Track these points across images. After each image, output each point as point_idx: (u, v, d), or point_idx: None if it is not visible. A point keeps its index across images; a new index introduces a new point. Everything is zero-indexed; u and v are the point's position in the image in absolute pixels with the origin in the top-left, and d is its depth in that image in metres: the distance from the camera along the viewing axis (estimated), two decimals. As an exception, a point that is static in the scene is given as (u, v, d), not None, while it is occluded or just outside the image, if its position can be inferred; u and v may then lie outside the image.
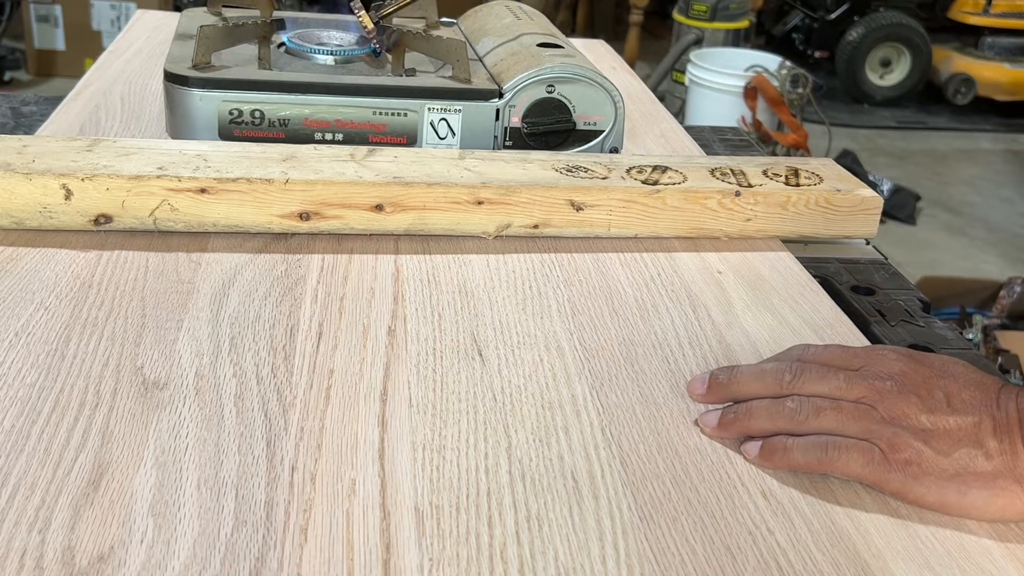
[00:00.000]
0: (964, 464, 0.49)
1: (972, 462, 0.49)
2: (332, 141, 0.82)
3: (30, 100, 1.05)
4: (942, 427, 0.50)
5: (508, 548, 0.46)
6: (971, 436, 0.50)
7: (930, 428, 0.50)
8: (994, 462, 0.49)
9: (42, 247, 0.68)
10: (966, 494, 0.49)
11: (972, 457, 0.49)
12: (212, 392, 0.55)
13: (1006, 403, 0.50)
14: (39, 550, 0.44)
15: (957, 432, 0.50)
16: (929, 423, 0.50)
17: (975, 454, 0.49)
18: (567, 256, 0.74)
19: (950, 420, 0.50)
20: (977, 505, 0.49)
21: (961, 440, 0.50)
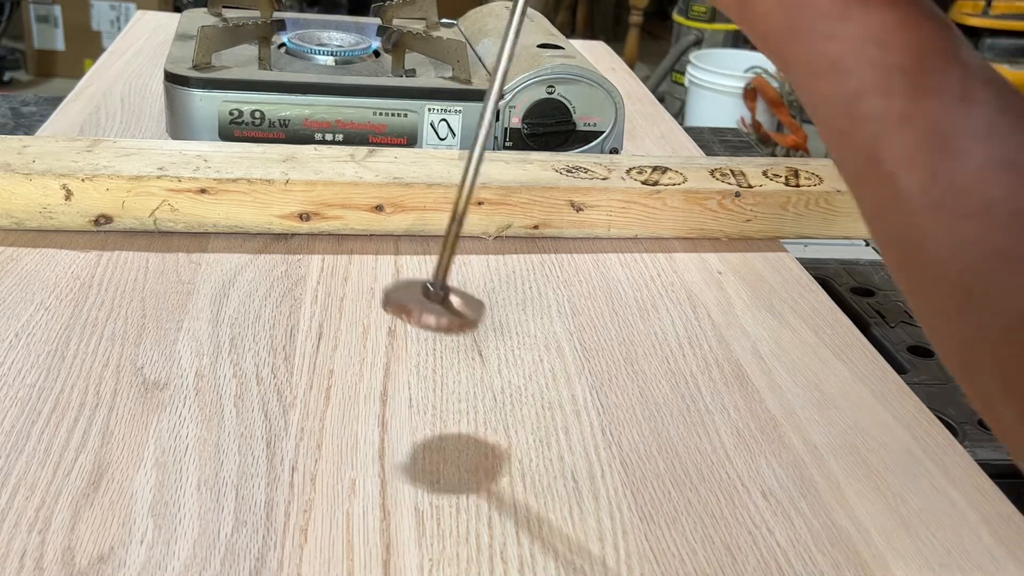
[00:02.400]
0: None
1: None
2: (332, 141, 0.82)
3: (30, 100, 1.05)
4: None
5: (508, 548, 0.46)
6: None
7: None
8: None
9: (42, 247, 0.68)
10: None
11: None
12: (212, 392, 0.55)
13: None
14: (39, 550, 0.44)
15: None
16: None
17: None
18: (567, 256, 0.74)
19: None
20: None
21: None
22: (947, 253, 0.34)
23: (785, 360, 0.64)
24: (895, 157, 0.35)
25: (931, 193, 0.34)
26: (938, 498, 0.52)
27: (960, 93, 0.34)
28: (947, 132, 0.34)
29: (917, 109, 0.34)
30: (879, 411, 0.59)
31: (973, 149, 0.34)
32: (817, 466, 0.54)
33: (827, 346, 0.66)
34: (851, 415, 0.59)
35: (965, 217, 0.33)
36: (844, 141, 0.36)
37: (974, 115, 0.34)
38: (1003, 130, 0.34)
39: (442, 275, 0.49)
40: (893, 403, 0.60)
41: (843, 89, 0.36)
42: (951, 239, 0.34)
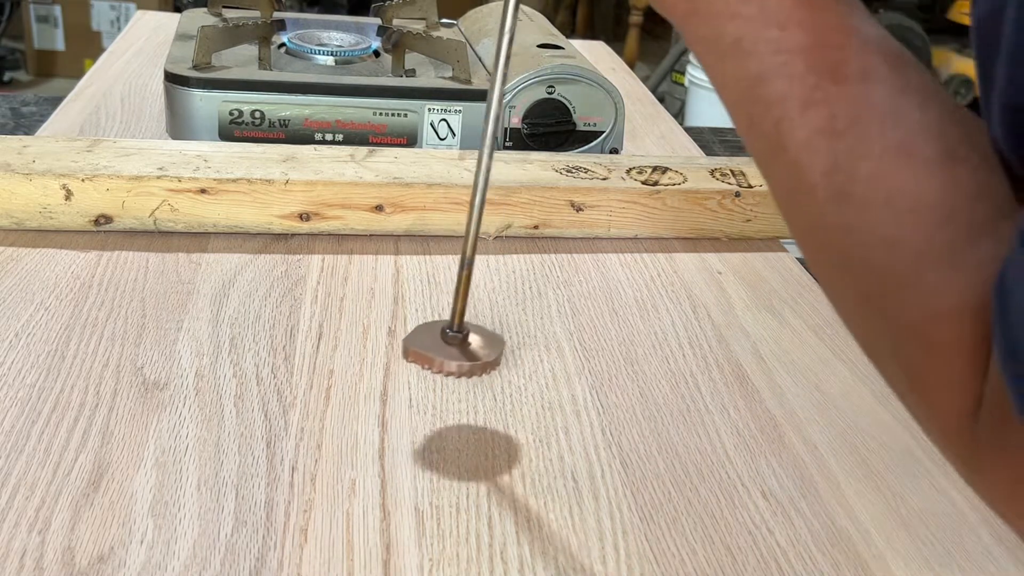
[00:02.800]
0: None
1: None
2: (332, 142, 0.82)
3: (30, 101, 1.05)
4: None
5: (508, 548, 0.46)
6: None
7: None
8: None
9: (42, 247, 0.68)
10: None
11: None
12: (212, 392, 0.55)
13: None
14: (39, 550, 0.44)
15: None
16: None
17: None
18: (567, 257, 0.74)
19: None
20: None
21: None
22: (849, 245, 0.33)
23: (785, 360, 0.64)
24: (798, 144, 0.34)
25: (833, 182, 0.33)
26: (938, 498, 0.52)
27: (860, 73, 0.33)
28: (848, 117, 0.33)
29: (817, 93, 0.33)
30: (879, 411, 0.59)
31: (874, 134, 0.33)
32: (817, 466, 0.54)
33: (827, 346, 0.66)
34: (851, 415, 0.58)
35: (865, 208, 0.32)
36: (751, 126, 0.36)
37: (874, 97, 0.33)
38: (903, 111, 0.33)
39: (458, 319, 0.51)
40: (893, 403, 0.60)
41: (746, 72, 0.35)
42: (853, 231, 0.33)
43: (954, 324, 0.31)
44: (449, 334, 0.51)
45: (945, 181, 0.31)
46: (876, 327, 0.34)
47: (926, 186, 0.31)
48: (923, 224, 0.31)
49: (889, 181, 0.32)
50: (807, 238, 0.36)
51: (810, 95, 0.33)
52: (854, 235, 0.33)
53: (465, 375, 0.50)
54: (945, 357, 0.31)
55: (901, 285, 0.32)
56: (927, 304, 0.31)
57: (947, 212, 0.31)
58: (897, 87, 0.33)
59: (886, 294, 0.32)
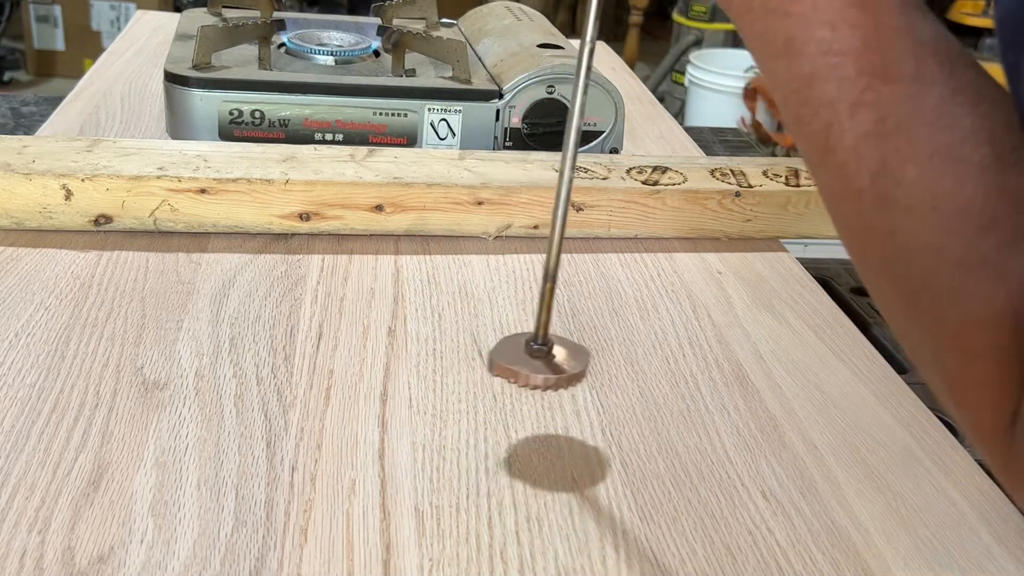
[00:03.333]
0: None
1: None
2: (332, 141, 0.82)
3: (30, 100, 1.05)
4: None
5: (508, 548, 0.46)
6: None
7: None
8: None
9: (42, 247, 0.68)
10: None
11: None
12: (212, 392, 0.55)
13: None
14: (39, 550, 0.44)
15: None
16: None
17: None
18: (567, 256, 0.74)
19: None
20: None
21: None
22: (893, 250, 0.33)
23: (785, 360, 0.64)
24: (846, 147, 0.33)
25: (879, 186, 0.33)
26: (938, 498, 0.52)
27: (912, 74, 0.33)
28: (898, 119, 0.32)
29: (868, 94, 0.33)
30: (879, 411, 0.59)
31: (923, 138, 0.32)
32: (817, 466, 0.54)
33: (827, 346, 0.66)
34: (851, 415, 0.58)
35: (910, 213, 0.32)
36: (800, 125, 0.35)
37: (924, 99, 0.33)
38: (955, 115, 0.33)
39: (543, 331, 0.50)
40: (893, 403, 0.60)
41: (797, 72, 0.35)
42: (897, 235, 0.33)
43: (993, 332, 0.31)
44: (534, 347, 0.50)
45: (991, 187, 0.31)
46: (918, 332, 0.34)
47: (971, 192, 0.31)
48: (966, 230, 0.31)
49: (934, 186, 0.32)
50: (852, 240, 0.35)
51: (860, 97, 0.33)
52: (898, 239, 0.33)
53: (551, 388, 0.49)
54: (983, 364, 0.31)
55: (942, 291, 0.32)
56: (967, 311, 0.31)
57: (990, 218, 0.31)
58: (949, 89, 0.33)
59: (927, 300, 0.32)
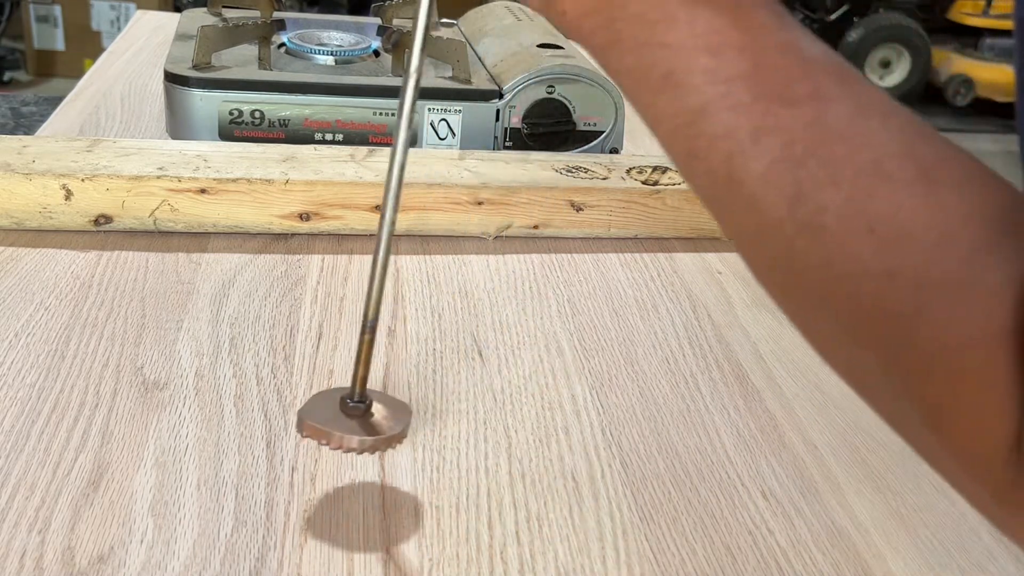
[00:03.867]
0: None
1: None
2: (332, 141, 0.82)
3: (30, 100, 1.05)
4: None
5: (508, 548, 0.46)
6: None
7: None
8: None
9: (42, 247, 0.68)
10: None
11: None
12: (212, 392, 0.55)
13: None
14: (39, 550, 0.44)
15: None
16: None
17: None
18: (567, 256, 0.74)
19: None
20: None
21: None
22: (831, 281, 0.30)
23: (785, 360, 0.64)
24: (755, 177, 0.30)
25: (801, 214, 0.30)
26: (938, 498, 0.52)
27: (811, 93, 0.30)
28: (806, 141, 0.30)
29: (769, 119, 0.30)
30: (879, 411, 0.59)
31: (839, 158, 0.29)
32: (817, 466, 0.54)
33: (827, 346, 0.65)
34: (851, 415, 0.58)
35: (845, 239, 0.29)
36: (694, 163, 0.32)
37: (831, 118, 0.30)
38: (868, 131, 0.30)
39: (360, 387, 0.46)
40: (893, 403, 0.60)
41: (683, 106, 0.32)
42: (833, 266, 0.30)
43: (978, 353, 0.28)
44: (350, 404, 0.46)
45: (929, 203, 0.29)
46: (874, 364, 0.30)
47: (910, 210, 0.29)
48: (915, 251, 0.28)
49: (865, 207, 0.29)
50: (776, 277, 0.33)
51: (760, 122, 0.30)
52: (836, 269, 0.30)
53: (368, 451, 0.45)
54: (973, 388, 0.28)
55: (904, 316, 0.29)
56: (942, 336, 0.28)
57: (938, 236, 0.28)
58: (854, 105, 0.30)
59: (887, 327, 0.29)
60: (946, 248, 0.28)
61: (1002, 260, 0.28)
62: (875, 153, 0.29)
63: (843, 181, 0.29)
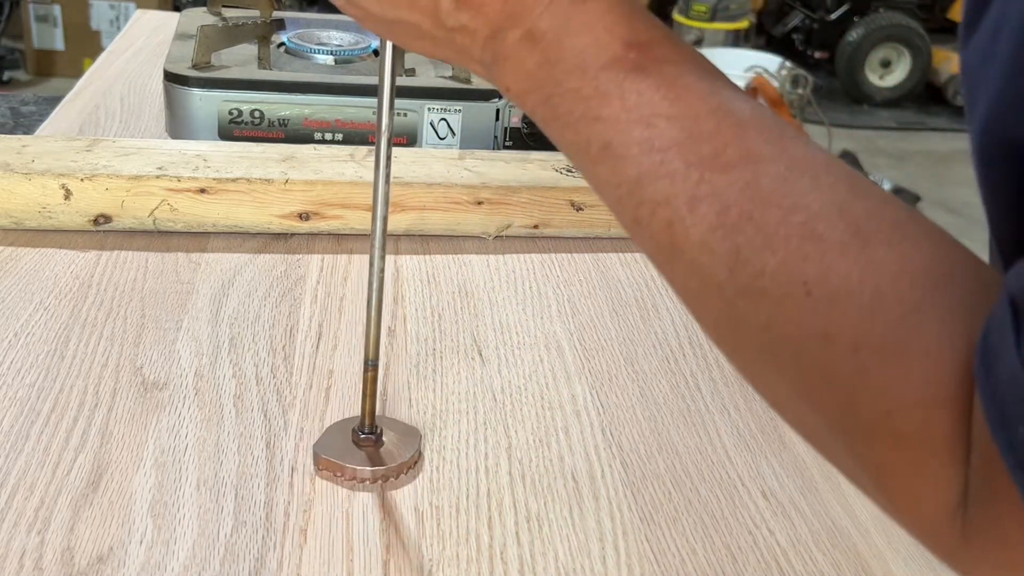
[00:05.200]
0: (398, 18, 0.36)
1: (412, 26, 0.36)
2: (332, 141, 0.82)
3: (29, 100, 1.05)
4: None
5: (508, 549, 0.46)
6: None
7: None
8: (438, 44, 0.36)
9: (41, 247, 0.68)
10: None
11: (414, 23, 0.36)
12: (212, 392, 0.55)
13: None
14: (38, 551, 0.43)
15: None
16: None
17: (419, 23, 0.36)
18: (567, 256, 0.74)
19: None
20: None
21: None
22: (773, 343, 0.30)
23: (785, 360, 0.63)
24: (694, 243, 0.31)
25: (740, 278, 0.30)
26: (938, 498, 0.52)
27: (742, 157, 0.31)
28: (742, 207, 0.30)
29: (703, 187, 0.31)
30: (879, 411, 0.59)
31: (773, 222, 0.30)
32: (817, 466, 0.54)
33: (827, 346, 0.65)
34: (851, 415, 0.58)
35: (785, 302, 0.29)
36: (640, 228, 0.33)
37: (763, 181, 0.30)
38: (798, 192, 0.30)
39: (369, 419, 0.50)
40: (893, 403, 0.60)
41: (622, 176, 0.33)
42: (776, 327, 0.30)
43: (916, 417, 0.28)
44: (361, 436, 0.50)
45: (861, 263, 0.29)
46: (822, 424, 0.30)
47: (843, 271, 0.29)
48: (850, 313, 0.28)
49: (800, 270, 0.29)
50: (722, 336, 0.33)
51: (695, 190, 0.31)
52: (776, 332, 0.30)
53: (380, 480, 0.49)
54: (914, 452, 0.28)
55: (844, 380, 0.29)
56: (881, 400, 0.28)
57: (871, 297, 0.28)
58: (784, 166, 0.31)
59: (828, 391, 0.29)
60: (879, 310, 0.28)
61: (936, 319, 0.28)
62: (807, 214, 0.30)
63: (778, 245, 0.30)
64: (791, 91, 3.02)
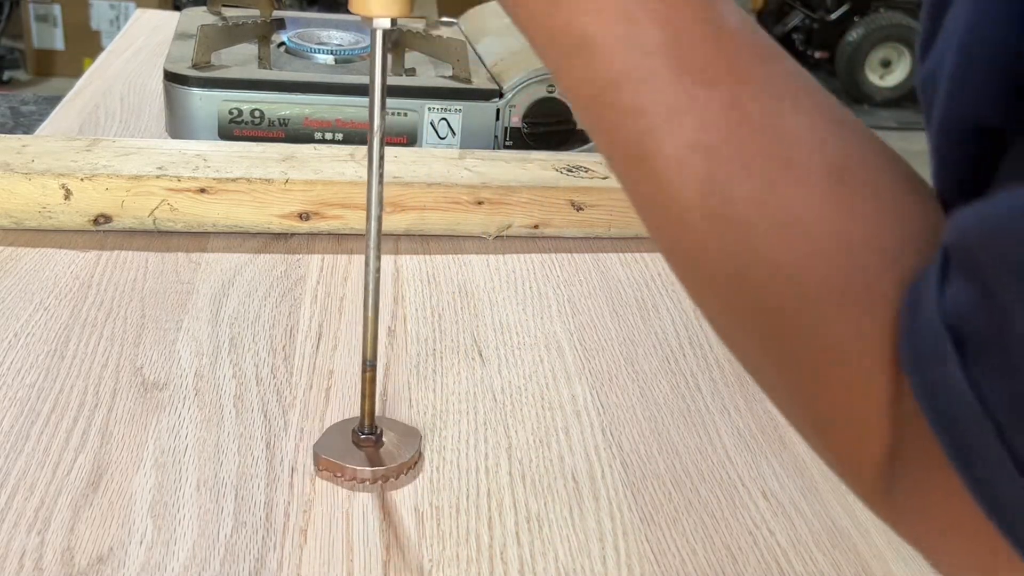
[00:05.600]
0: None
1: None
2: (332, 141, 0.82)
3: (29, 100, 1.05)
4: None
5: (508, 549, 0.46)
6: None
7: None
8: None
9: (41, 247, 0.68)
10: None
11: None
12: (212, 393, 0.55)
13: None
14: (38, 551, 0.43)
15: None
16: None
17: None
18: (567, 256, 0.74)
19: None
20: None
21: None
22: (736, 274, 0.29)
23: (785, 360, 0.63)
24: (666, 159, 0.29)
25: (709, 203, 0.28)
26: (939, 498, 0.52)
27: (730, 73, 0.29)
28: (721, 127, 0.28)
29: (683, 99, 0.28)
30: (880, 411, 0.59)
31: (753, 147, 0.28)
32: (817, 466, 0.54)
33: (827, 346, 0.65)
34: (852, 415, 0.58)
35: (751, 233, 0.28)
36: (606, 133, 0.31)
37: (748, 102, 0.28)
38: (782, 118, 0.28)
39: (368, 419, 0.50)
40: (894, 403, 0.60)
41: (597, 74, 0.30)
42: (738, 257, 0.29)
43: (865, 366, 0.27)
44: (361, 436, 0.50)
45: (838, 204, 0.28)
46: (771, 363, 0.30)
47: (818, 210, 0.27)
48: (821, 254, 0.27)
49: (775, 202, 0.28)
50: (682, 260, 0.31)
51: (676, 102, 0.29)
52: (740, 262, 0.29)
53: (380, 480, 0.49)
54: (858, 402, 0.27)
55: (804, 324, 0.28)
56: (833, 345, 0.27)
57: (844, 241, 0.27)
58: (770, 89, 0.29)
59: (785, 332, 0.28)
60: (846, 253, 0.27)
61: (900, 271, 0.27)
62: (788, 145, 0.28)
63: (754, 173, 0.28)
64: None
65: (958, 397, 0.24)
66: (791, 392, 0.30)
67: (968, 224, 0.24)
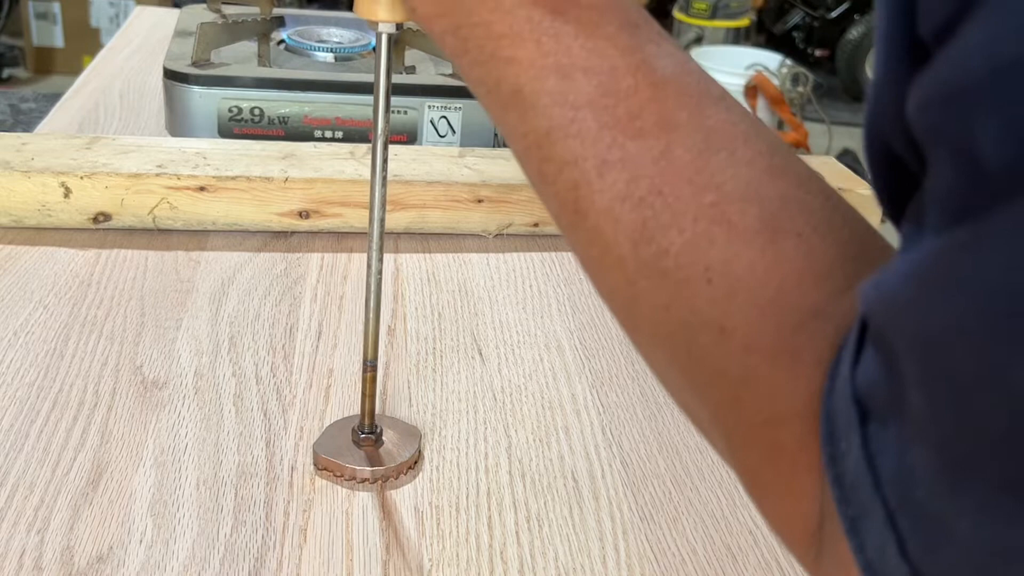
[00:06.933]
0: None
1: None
2: (332, 139, 0.82)
3: (29, 97, 1.04)
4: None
5: (508, 548, 0.46)
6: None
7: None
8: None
9: (41, 245, 0.68)
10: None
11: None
12: (211, 391, 0.55)
13: None
14: (38, 550, 0.43)
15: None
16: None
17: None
18: (567, 255, 0.74)
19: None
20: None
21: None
22: (672, 325, 0.29)
23: (786, 359, 0.63)
24: (599, 211, 0.29)
25: (643, 254, 0.28)
26: (939, 498, 0.52)
27: (658, 124, 0.28)
28: (652, 178, 0.28)
29: (614, 152, 0.28)
30: (880, 410, 0.59)
31: (683, 198, 0.28)
32: (818, 466, 0.54)
33: (828, 345, 0.65)
34: (852, 414, 0.58)
35: (685, 286, 0.28)
36: (545, 185, 0.31)
37: (677, 153, 0.28)
38: (713, 169, 0.28)
39: (368, 419, 0.50)
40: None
41: (531, 126, 0.30)
42: (674, 310, 0.28)
43: (795, 429, 0.26)
44: (361, 435, 0.50)
45: (767, 256, 0.27)
46: (708, 416, 0.29)
47: (749, 266, 0.27)
48: (749, 309, 0.27)
49: (705, 255, 0.27)
50: (619, 308, 0.31)
51: (606, 155, 0.28)
52: (673, 315, 0.28)
53: (380, 480, 0.49)
54: (786, 467, 0.27)
55: (733, 380, 0.27)
56: (764, 405, 0.27)
57: (772, 295, 0.27)
58: (702, 137, 0.28)
59: (715, 386, 0.28)
60: (779, 311, 0.27)
61: (834, 332, 0.26)
62: (719, 195, 0.28)
63: (685, 225, 0.28)
64: (791, 89, 3.02)
65: (855, 472, 0.24)
66: (728, 444, 0.29)
67: (870, 293, 0.23)
